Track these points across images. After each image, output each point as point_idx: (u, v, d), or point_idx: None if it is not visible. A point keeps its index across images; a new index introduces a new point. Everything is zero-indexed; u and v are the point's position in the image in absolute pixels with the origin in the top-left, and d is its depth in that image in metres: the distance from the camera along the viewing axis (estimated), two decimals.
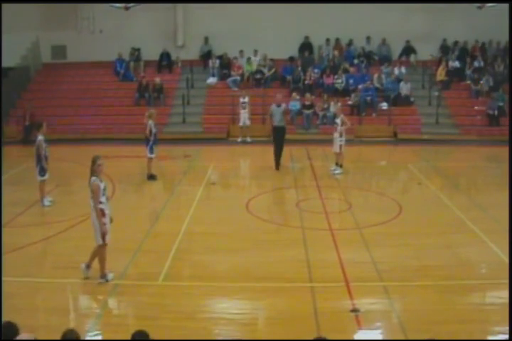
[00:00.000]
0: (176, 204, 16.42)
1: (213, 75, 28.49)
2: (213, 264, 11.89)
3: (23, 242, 12.77)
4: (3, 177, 18.14)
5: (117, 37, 29.03)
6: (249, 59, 28.52)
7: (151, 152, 18.29)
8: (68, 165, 20.07)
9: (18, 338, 6.32)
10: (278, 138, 19.38)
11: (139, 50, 29.28)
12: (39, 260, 12.19)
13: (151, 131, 18.27)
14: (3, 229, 13.86)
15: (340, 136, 18.90)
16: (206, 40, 29.49)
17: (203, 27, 28.82)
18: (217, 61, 28.75)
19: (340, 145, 18.91)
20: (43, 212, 15.54)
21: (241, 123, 24.96)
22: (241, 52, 28.69)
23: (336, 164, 19.25)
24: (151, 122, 18.35)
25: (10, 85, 28.35)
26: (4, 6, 28.81)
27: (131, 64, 29.29)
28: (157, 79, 27.36)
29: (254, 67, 28.27)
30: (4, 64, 28.87)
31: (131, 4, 23.72)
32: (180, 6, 29.29)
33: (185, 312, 9.84)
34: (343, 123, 18.89)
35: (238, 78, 27.97)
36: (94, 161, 11.24)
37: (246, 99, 24.58)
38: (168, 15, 29.25)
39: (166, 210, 15.51)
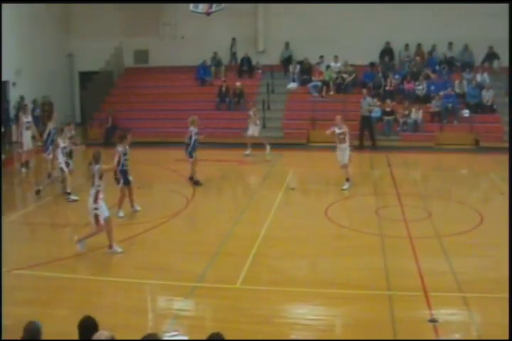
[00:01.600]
0: (256, 209, 16.49)
1: (294, 80, 28.49)
2: (291, 269, 11.89)
3: (105, 242, 13.05)
4: None
5: (198, 42, 29.38)
6: (328, 66, 28.42)
7: (191, 157, 18.36)
8: (148, 168, 20.40)
9: (97, 334, 6.38)
10: None
11: (235, 53, 29.58)
12: (119, 260, 12.41)
13: (191, 137, 18.38)
14: (83, 229, 14.24)
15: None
16: (287, 45, 29.56)
17: (284, 32, 28.87)
18: (298, 66, 28.76)
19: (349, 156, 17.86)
20: (124, 214, 15.85)
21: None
22: (321, 57, 28.62)
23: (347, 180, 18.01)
24: (192, 128, 18.52)
25: (94, 89, 29.11)
26: (88, 13, 29.71)
27: (213, 69, 29.59)
28: (238, 84, 27.56)
29: (335, 73, 28.17)
30: (89, 68, 29.78)
31: (213, 10, 23.85)
32: (261, 11, 29.45)
33: (261, 316, 9.86)
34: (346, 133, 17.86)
35: (319, 83, 27.91)
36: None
37: (251, 113, 23.64)
38: (249, 20, 29.44)
39: (245, 214, 15.59)
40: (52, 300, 10.74)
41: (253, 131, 23.00)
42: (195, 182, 18.39)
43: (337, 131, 17.77)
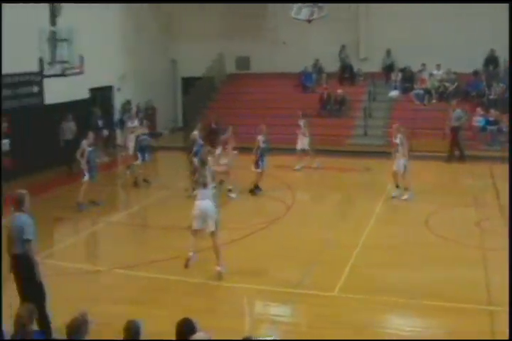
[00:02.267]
0: (355, 217, 16.38)
1: (395, 88, 28.18)
2: (389, 278, 11.77)
3: (202, 245, 13.24)
4: None
5: (300, 49, 29.40)
6: (431, 74, 27.94)
7: (257, 167, 18.17)
8: (249, 174, 20.46)
9: (195, 336, 6.50)
10: None
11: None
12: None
13: (258, 146, 18.25)
14: (185, 232, 14.49)
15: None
16: (388, 52, 29.23)
17: (386, 39, 28.53)
18: (400, 74, 28.43)
19: (405, 166, 17.45)
20: (224, 218, 16.02)
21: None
22: (423, 65, 28.17)
23: (397, 187, 17.88)
24: (260, 137, 18.49)
25: (196, 95, 29.60)
26: (191, 19, 30.26)
27: (314, 75, 29.60)
28: (339, 91, 27.48)
29: (437, 82, 27.67)
30: (191, 74, 30.26)
31: (314, 16, 23.87)
32: (363, 18, 29.24)
33: (357, 325, 9.82)
34: (401, 143, 17.55)
35: (422, 92, 27.50)
36: None
37: (301, 123, 22.59)
38: (351, 27, 29.26)
39: (344, 222, 15.55)
40: (149, 300, 11.01)
41: (302, 144, 22.04)
42: (251, 191, 18.27)
43: (394, 140, 17.82)
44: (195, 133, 18.83)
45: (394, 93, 27.89)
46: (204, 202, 11.75)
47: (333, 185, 20.57)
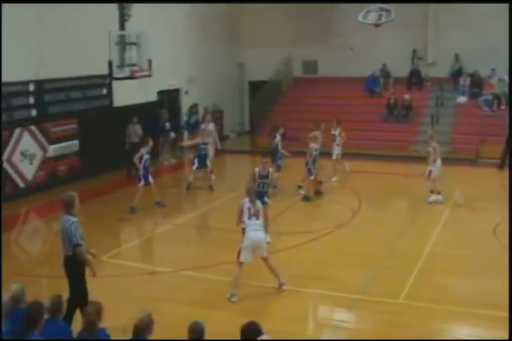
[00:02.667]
0: (421, 224, 16.15)
1: (463, 94, 27.73)
2: (454, 288, 11.58)
3: (269, 248, 13.24)
4: None
5: (367, 53, 29.21)
6: (500, 80, 27.39)
7: (310, 174, 18.15)
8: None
9: (259, 339, 6.55)
10: None
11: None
12: (281, 267, 12.47)
13: (311, 154, 18.31)
14: None
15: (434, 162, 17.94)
16: (457, 57, 28.77)
17: (454, 44, 28.07)
18: (468, 79, 27.96)
19: (430, 171, 17.86)
20: (288, 222, 16.03)
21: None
22: (493, 70, 27.64)
23: (431, 192, 17.91)
24: (313, 145, 18.54)
25: (263, 98, 29.70)
26: (258, 23, 30.38)
27: (381, 80, 29.37)
28: (406, 97, 27.19)
29: (506, 87, 27.10)
30: (258, 78, 30.36)
31: (382, 21, 23.74)
32: (430, 22, 28.86)
33: (421, 333, 9.68)
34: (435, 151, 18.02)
35: (490, 97, 26.98)
36: None
37: (336, 132, 22.08)
38: (419, 32, 28.91)
39: (410, 228, 15.33)
40: (213, 302, 11.08)
41: (337, 153, 21.50)
42: (305, 198, 18.18)
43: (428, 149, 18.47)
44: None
45: (462, 99, 27.44)
46: (256, 234, 11.23)
47: (399, 191, 20.36)
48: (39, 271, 13.17)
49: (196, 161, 19.15)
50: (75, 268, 9.48)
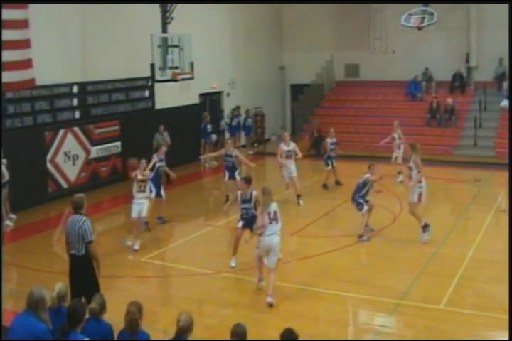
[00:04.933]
0: (464, 229, 16.02)
1: (507, 98, 27.38)
2: (497, 294, 11.35)
3: (309, 252, 13.22)
4: None
5: (409, 57, 29.03)
6: None
7: (327, 165, 19.98)
8: (354, 182, 20.36)
9: None
10: None
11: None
12: (323, 271, 12.51)
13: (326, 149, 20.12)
14: (292, 238, 14.55)
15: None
16: (500, 61, 28.42)
17: (497, 48, 27.75)
18: None
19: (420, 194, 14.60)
20: (329, 225, 15.99)
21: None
22: None
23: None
24: (329, 139, 20.15)
25: (304, 101, 29.69)
26: (300, 27, 30.38)
27: (423, 84, 29.16)
28: (449, 100, 26.93)
29: None
30: (300, 81, 30.41)
31: (424, 24, 23.57)
32: (474, 25, 28.56)
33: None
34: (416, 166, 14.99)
35: None
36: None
37: (395, 135, 21.54)
38: (462, 35, 28.61)
39: (452, 234, 15.14)
40: (253, 304, 11.11)
41: (396, 157, 21.13)
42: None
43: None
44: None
45: (505, 103, 27.07)
46: (270, 238, 11.07)
47: (441, 195, 20.17)
48: None
49: (226, 172, 18.15)
50: (89, 266, 9.38)
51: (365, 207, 14.59)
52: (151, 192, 15.22)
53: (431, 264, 12.85)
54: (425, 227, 14.16)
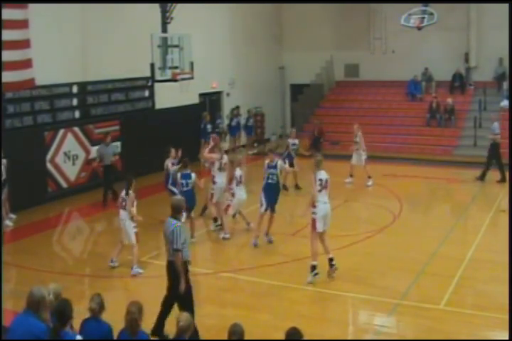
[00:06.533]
0: (463, 229, 16.03)
1: (507, 98, 27.37)
2: (498, 294, 11.35)
3: (309, 252, 13.18)
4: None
5: (409, 57, 28.99)
6: None
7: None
8: (356, 182, 20.39)
9: None
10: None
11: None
12: (323, 271, 12.46)
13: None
14: (292, 238, 14.54)
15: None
16: (500, 61, 28.42)
17: (497, 48, 27.75)
18: None
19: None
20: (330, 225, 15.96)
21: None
22: None
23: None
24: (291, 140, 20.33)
25: (304, 101, 29.68)
26: (300, 27, 30.38)
27: (423, 84, 29.15)
28: (449, 101, 26.92)
29: None
30: (300, 81, 30.39)
31: (424, 24, 23.57)
32: (473, 25, 28.56)
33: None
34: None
35: None
36: None
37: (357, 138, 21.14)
38: (462, 35, 28.58)
39: (452, 234, 15.14)
40: (254, 304, 11.11)
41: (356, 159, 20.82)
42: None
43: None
44: None
45: (505, 103, 27.07)
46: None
47: (441, 195, 20.21)
48: (82, 270, 13.30)
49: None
50: (175, 273, 9.26)
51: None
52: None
53: (431, 264, 12.86)
54: (313, 267, 12.02)
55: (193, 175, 14.71)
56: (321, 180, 11.89)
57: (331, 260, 12.06)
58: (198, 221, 15.86)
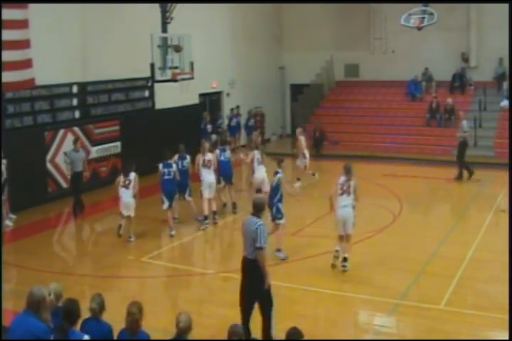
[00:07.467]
0: (463, 229, 15.99)
1: (507, 98, 27.36)
2: (498, 294, 11.33)
3: (309, 252, 13.22)
4: None
5: (409, 57, 29.00)
6: None
7: None
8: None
9: None
10: None
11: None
12: (324, 271, 12.49)
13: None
14: (292, 238, 14.52)
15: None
16: (500, 61, 28.41)
17: (497, 48, 27.74)
18: None
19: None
20: (329, 225, 15.93)
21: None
22: None
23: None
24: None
25: (304, 101, 29.68)
26: (300, 27, 30.38)
27: (423, 84, 29.14)
28: (449, 100, 26.90)
29: None
30: (300, 81, 30.40)
31: (424, 24, 23.55)
32: (474, 25, 28.57)
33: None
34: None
35: None
36: None
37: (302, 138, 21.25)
38: (462, 35, 28.59)
39: (452, 234, 15.14)
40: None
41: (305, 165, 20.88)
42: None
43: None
44: None
45: (505, 103, 27.06)
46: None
47: (441, 195, 20.20)
48: (82, 270, 13.30)
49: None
50: (257, 272, 9.03)
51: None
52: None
53: (431, 264, 12.86)
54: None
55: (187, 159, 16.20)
56: (342, 184, 12.37)
57: (344, 259, 12.36)
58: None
